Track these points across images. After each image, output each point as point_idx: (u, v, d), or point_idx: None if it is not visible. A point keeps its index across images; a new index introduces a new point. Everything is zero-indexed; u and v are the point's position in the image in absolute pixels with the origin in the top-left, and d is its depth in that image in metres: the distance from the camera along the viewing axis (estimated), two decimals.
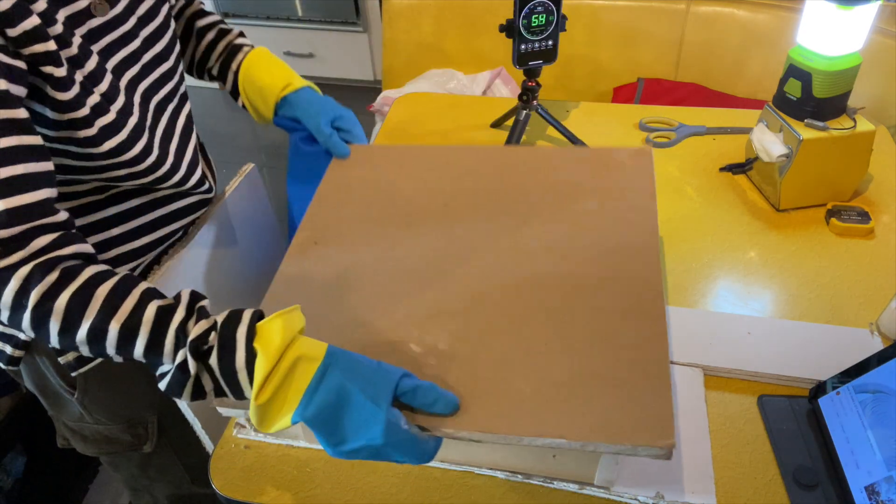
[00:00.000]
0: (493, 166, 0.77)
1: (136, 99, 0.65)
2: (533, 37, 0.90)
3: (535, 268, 0.64)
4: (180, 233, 0.76)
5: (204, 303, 0.53)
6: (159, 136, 0.68)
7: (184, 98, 0.75)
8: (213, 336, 0.51)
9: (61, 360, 0.71)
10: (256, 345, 0.50)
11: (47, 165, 0.54)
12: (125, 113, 0.62)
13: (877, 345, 0.69)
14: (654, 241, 0.65)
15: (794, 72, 0.83)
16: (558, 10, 0.90)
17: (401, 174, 0.77)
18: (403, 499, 0.58)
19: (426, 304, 0.62)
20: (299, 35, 2.65)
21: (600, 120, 1.11)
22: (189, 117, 0.76)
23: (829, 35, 0.79)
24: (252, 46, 0.82)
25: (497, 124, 1.10)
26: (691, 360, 0.68)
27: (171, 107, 0.71)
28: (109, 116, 0.59)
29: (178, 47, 0.73)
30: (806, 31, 0.81)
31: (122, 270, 0.56)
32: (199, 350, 0.50)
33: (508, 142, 0.98)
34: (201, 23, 0.81)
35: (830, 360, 0.65)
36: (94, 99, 0.58)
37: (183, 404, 0.71)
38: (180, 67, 0.74)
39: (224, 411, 0.60)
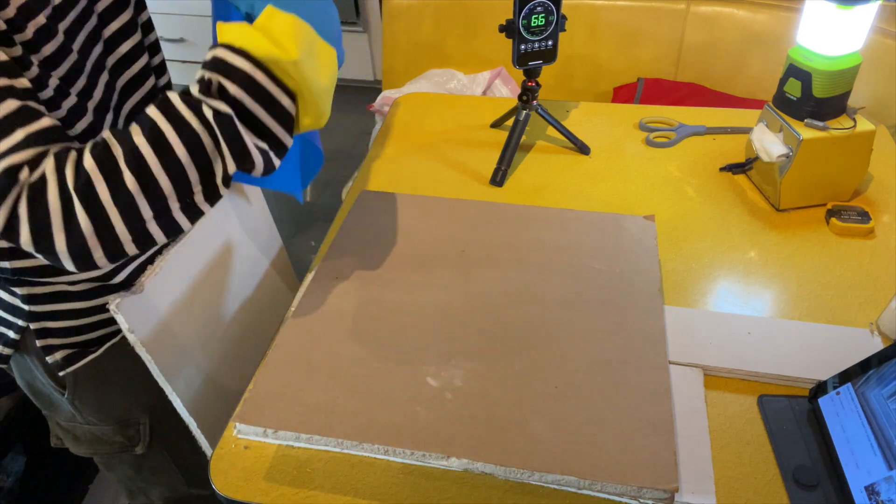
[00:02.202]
0: (508, 220, 0.82)
1: (104, 77, 0.63)
2: (533, 37, 0.90)
3: (545, 316, 0.69)
4: None
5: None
6: (124, 117, 0.67)
7: (162, 81, 0.73)
8: (208, 75, 0.50)
9: (49, 359, 0.71)
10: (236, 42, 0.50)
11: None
12: (85, 96, 0.60)
13: (877, 345, 0.69)
14: (657, 301, 0.71)
15: (793, 72, 0.83)
16: (558, 10, 0.90)
17: (419, 222, 0.82)
18: (403, 499, 0.58)
19: (442, 342, 0.66)
20: None
21: (600, 120, 1.11)
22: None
23: (829, 35, 0.79)
24: None
25: (497, 124, 1.10)
26: (691, 360, 0.68)
27: (144, 87, 0.70)
28: (72, 100, 0.58)
29: (145, 17, 0.70)
30: (806, 31, 0.81)
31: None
32: (212, 93, 0.50)
33: (508, 142, 0.98)
34: None
35: (830, 360, 0.65)
36: (53, 82, 0.56)
37: (179, 404, 0.70)
38: (152, 37, 0.72)
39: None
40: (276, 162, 0.53)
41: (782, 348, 0.69)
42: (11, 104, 0.49)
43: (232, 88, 0.49)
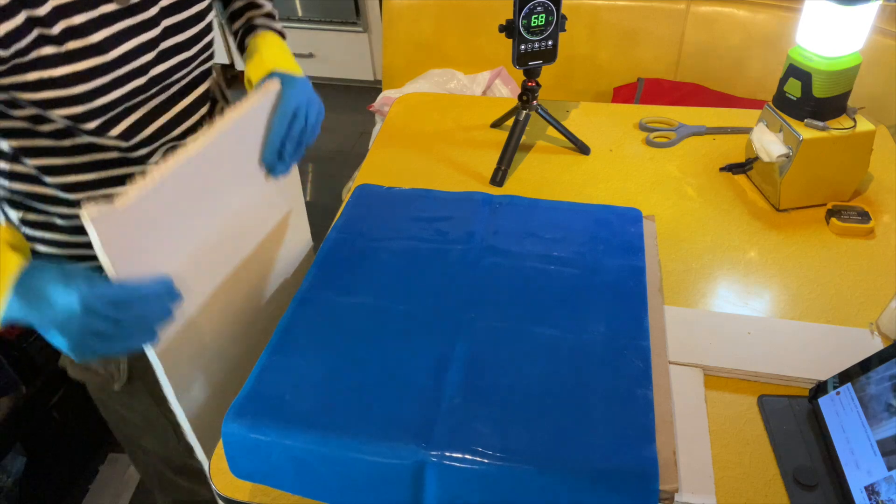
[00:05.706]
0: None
1: (142, 80, 0.68)
2: (533, 37, 0.90)
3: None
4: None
5: None
6: (148, 109, 0.71)
7: (193, 84, 0.77)
8: None
9: None
10: None
11: None
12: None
13: (877, 345, 0.69)
14: (657, 301, 0.70)
15: (793, 72, 0.83)
16: (558, 10, 0.90)
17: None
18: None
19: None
20: (299, 35, 2.65)
21: (600, 120, 1.11)
22: (197, 100, 0.78)
23: (828, 35, 0.79)
24: (255, 30, 0.82)
25: (497, 124, 1.10)
26: (691, 360, 0.68)
27: (175, 88, 0.74)
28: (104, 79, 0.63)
29: (207, 39, 0.75)
30: (806, 31, 0.81)
31: None
32: None
33: (508, 142, 0.98)
34: (234, 6, 0.85)
35: (830, 360, 0.65)
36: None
37: (177, 407, 0.70)
38: (203, 56, 0.77)
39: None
40: None
41: (782, 348, 0.69)
42: None
43: None
